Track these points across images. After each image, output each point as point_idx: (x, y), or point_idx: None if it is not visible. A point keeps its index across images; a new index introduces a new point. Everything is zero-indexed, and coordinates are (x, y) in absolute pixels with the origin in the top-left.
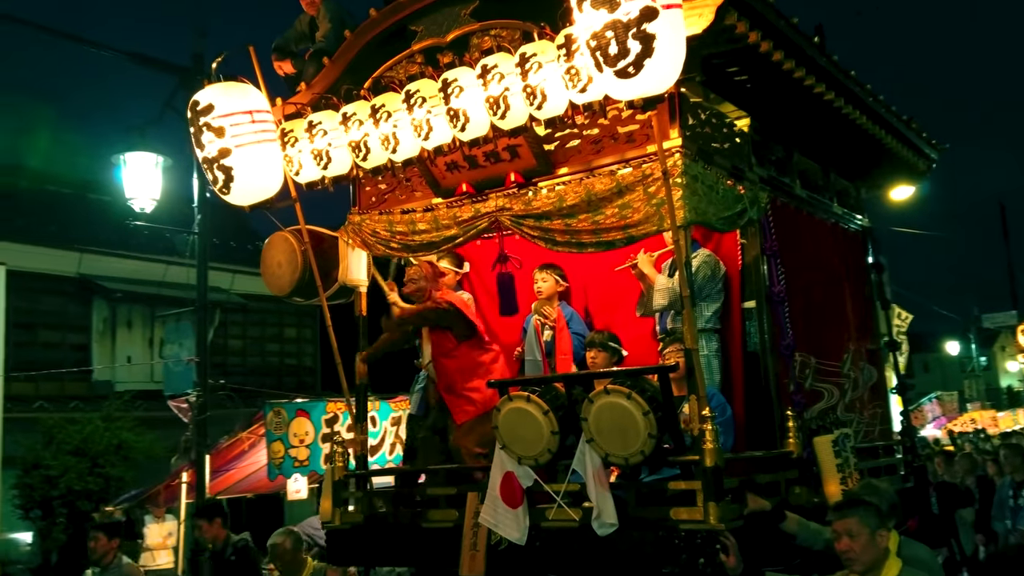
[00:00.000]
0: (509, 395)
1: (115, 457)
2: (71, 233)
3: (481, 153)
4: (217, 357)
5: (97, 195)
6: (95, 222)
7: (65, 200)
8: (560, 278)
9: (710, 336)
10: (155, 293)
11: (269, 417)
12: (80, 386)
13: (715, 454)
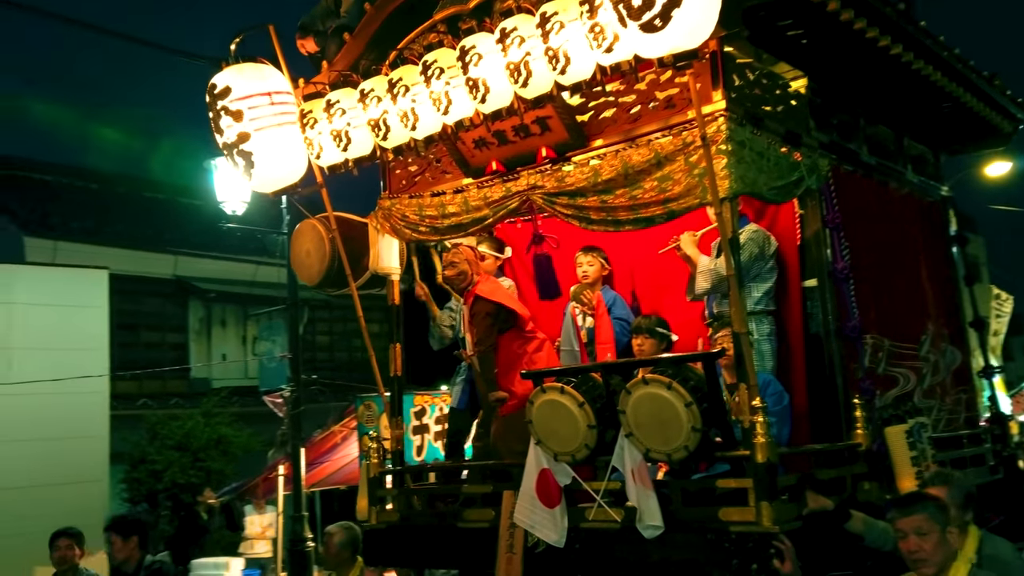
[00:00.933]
0: (542, 387)
1: (215, 451)
2: (166, 236)
3: (510, 127)
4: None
5: (190, 199)
6: (189, 225)
7: (160, 205)
8: (605, 261)
9: (761, 319)
10: (247, 292)
11: (360, 411)
12: (180, 384)
13: (767, 448)
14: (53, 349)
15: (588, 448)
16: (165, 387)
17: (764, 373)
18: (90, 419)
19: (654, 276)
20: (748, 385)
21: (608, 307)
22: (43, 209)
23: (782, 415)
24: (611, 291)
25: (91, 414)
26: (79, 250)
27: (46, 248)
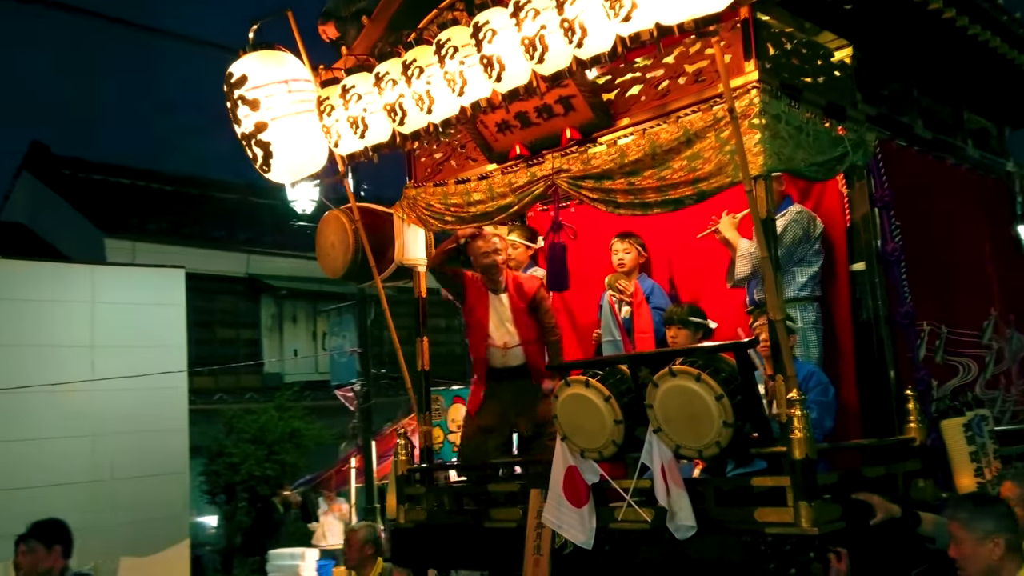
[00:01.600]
0: (567, 380)
1: (289, 444)
2: (239, 236)
3: (532, 109)
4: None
5: (260, 199)
6: (260, 224)
7: (231, 205)
8: (642, 248)
9: (806, 306)
10: (317, 289)
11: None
12: (253, 378)
13: (805, 444)
14: (134, 346)
15: (615, 444)
16: (240, 382)
17: (808, 364)
18: (170, 413)
19: (693, 263)
20: (785, 376)
21: (646, 296)
22: (122, 211)
23: (826, 408)
24: (648, 279)
25: (171, 409)
26: (157, 250)
27: (125, 248)
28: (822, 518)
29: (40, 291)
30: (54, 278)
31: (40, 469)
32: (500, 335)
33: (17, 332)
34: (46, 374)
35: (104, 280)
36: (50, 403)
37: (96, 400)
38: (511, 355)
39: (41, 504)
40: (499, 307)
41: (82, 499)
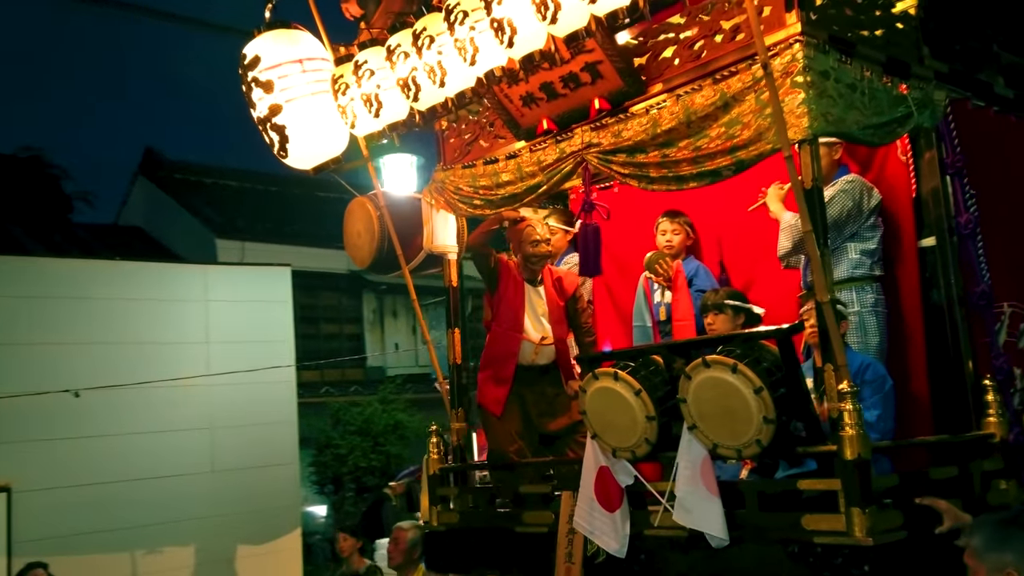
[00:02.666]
0: (594, 372)
1: (393, 436)
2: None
3: (557, 79)
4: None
5: None
6: None
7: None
8: (691, 229)
9: (863, 286)
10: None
11: None
12: (357, 372)
13: (858, 443)
14: (245, 342)
15: (649, 443)
16: (344, 375)
17: (863, 354)
18: (280, 406)
19: (744, 242)
20: (835, 366)
21: (689, 279)
22: (231, 212)
23: (884, 403)
24: (694, 261)
25: (280, 402)
26: (264, 249)
27: (235, 248)
28: (878, 526)
29: (158, 291)
30: (170, 278)
31: (161, 461)
32: (537, 330)
33: (138, 330)
34: (165, 370)
35: (216, 279)
36: (169, 398)
37: (211, 394)
38: (543, 352)
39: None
40: (535, 300)
41: (200, 489)
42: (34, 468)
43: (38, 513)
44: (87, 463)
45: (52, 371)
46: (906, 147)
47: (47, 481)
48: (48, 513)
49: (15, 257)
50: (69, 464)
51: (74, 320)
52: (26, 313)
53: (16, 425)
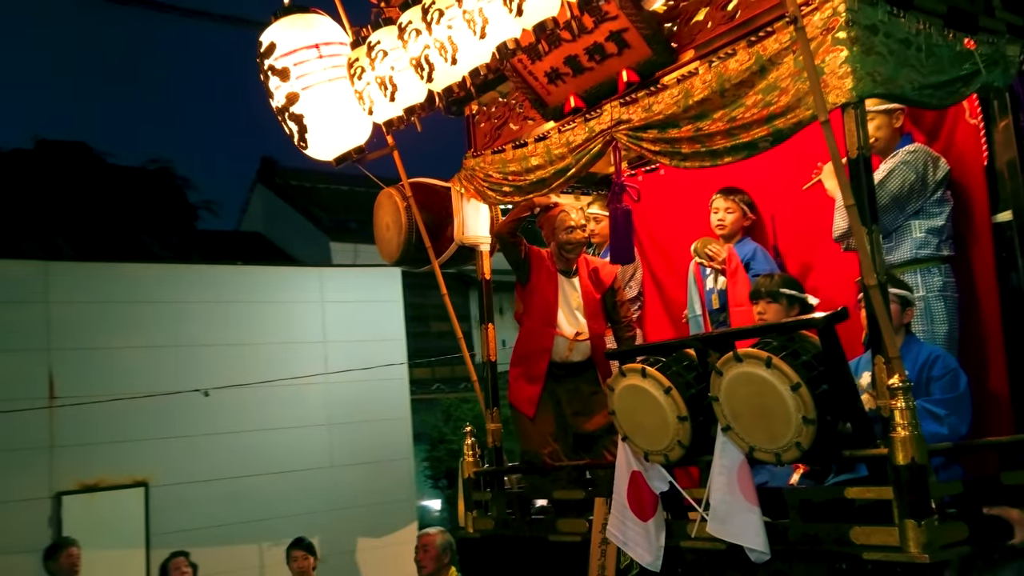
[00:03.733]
0: (622, 369)
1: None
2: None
3: (582, 51)
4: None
5: None
6: None
7: None
8: (748, 208)
9: (930, 269)
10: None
11: None
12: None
13: (912, 445)
14: (360, 341)
15: (682, 446)
16: (454, 372)
17: (931, 344)
18: (394, 403)
19: (800, 224)
20: (886, 358)
21: (745, 262)
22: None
23: (957, 402)
24: (751, 243)
25: (395, 399)
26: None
27: (348, 251)
28: (938, 540)
29: (278, 293)
30: (289, 281)
31: (285, 456)
32: (571, 324)
33: (261, 331)
34: (287, 369)
35: (331, 281)
36: (290, 396)
37: (329, 392)
38: (578, 349)
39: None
40: (569, 292)
41: (321, 484)
42: (169, 463)
43: (172, 506)
44: (217, 458)
45: (185, 371)
46: (976, 110)
47: (181, 476)
48: (182, 506)
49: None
50: (200, 459)
51: (204, 322)
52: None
53: (152, 423)
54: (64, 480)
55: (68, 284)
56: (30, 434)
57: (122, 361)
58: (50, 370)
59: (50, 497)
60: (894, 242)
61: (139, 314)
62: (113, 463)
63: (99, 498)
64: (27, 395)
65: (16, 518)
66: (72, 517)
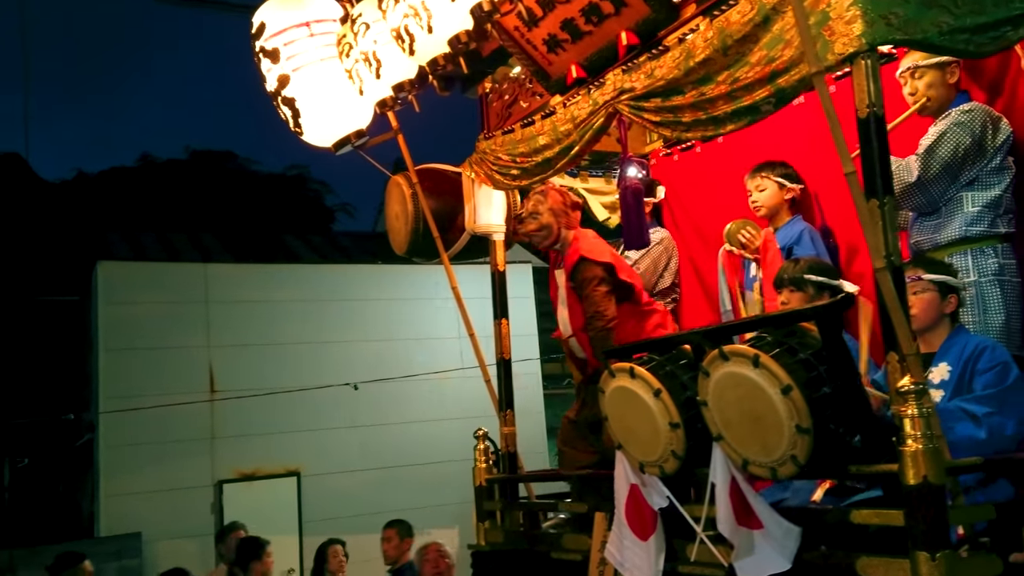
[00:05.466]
0: (610, 369)
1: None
2: None
3: (578, 12)
4: None
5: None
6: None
7: None
8: (785, 180)
9: (984, 249)
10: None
11: None
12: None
13: (925, 461)
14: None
15: (677, 457)
16: None
17: (980, 336)
18: (528, 397)
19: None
20: (900, 355)
21: (787, 247)
22: None
23: (1003, 400)
24: (800, 223)
25: (528, 393)
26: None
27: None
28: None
29: (415, 291)
30: (425, 279)
31: (425, 448)
32: (563, 321)
33: (399, 328)
34: (424, 363)
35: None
36: (428, 390)
37: (464, 386)
38: (575, 347)
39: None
40: (560, 286)
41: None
42: (318, 454)
43: (322, 495)
44: (364, 449)
45: (330, 366)
46: None
47: (329, 466)
48: (330, 495)
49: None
50: (347, 450)
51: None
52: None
53: (304, 415)
54: (224, 469)
55: (225, 284)
56: (193, 426)
57: (274, 356)
58: (210, 366)
59: (212, 485)
60: (943, 218)
61: (288, 312)
62: (268, 453)
63: (256, 486)
64: (190, 389)
65: (182, 504)
66: (232, 504)
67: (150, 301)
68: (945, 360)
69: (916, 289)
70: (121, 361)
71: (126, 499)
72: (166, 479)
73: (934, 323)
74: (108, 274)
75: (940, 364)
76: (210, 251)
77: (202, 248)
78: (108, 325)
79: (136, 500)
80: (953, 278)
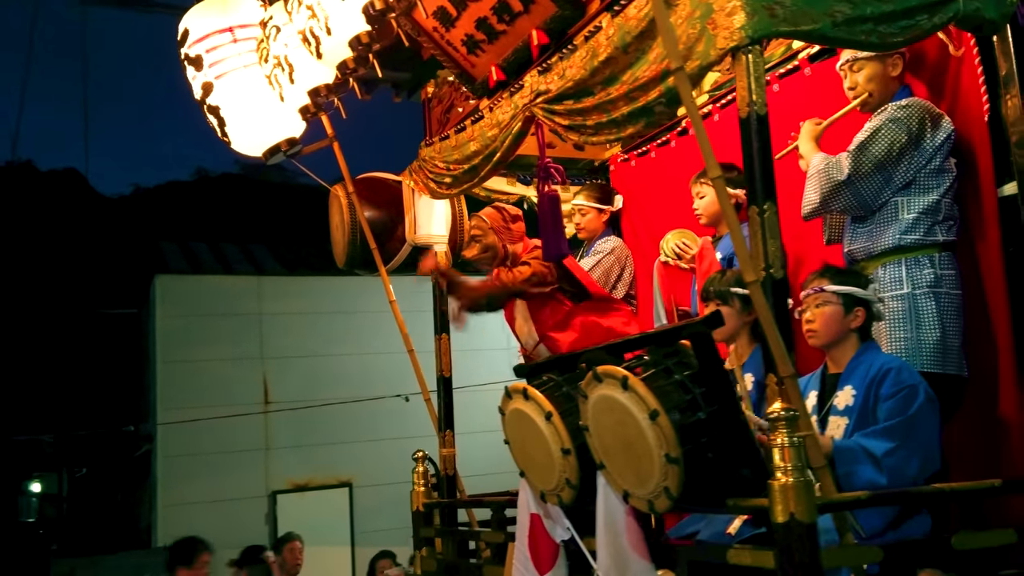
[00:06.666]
0: (507, 389)
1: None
2: None
3: (490, 10)
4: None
5: None
6: None
7: None
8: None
9: (917, 259)
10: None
11: None
12: None
13: (795, 497)
14: None
15: (571, 486)
16: None
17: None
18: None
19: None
20: (778, 377)
21: (727, 257)
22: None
23: (907, 430)
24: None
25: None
26: None
27: None
28: None
29: None
30: None
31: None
32: (525, 335)
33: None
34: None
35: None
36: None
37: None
38: (544, 354)
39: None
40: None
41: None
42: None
43: (375, 506)
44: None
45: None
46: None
47: (382, 477)
48: (381, 506)
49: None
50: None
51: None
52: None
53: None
54: (277, 480)
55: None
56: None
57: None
58: (264, 377)
59: (266, 496)
60: (876, 225)
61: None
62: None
63: (308, 497)
64: (244, 401)
65: (237, 515)
66: (286, 514)
67: (206, 313)
68: (850, 383)
69: (818, 301)
70: (178, 373)
71: (183, 509)
72: (221, 489)
73: (838, 339)
74: (166, 287)
75: (845, 387)
76: (262, 263)
77: (254, 260)
78: (165, 337)
79: (192, 510)
80: (861, 290)
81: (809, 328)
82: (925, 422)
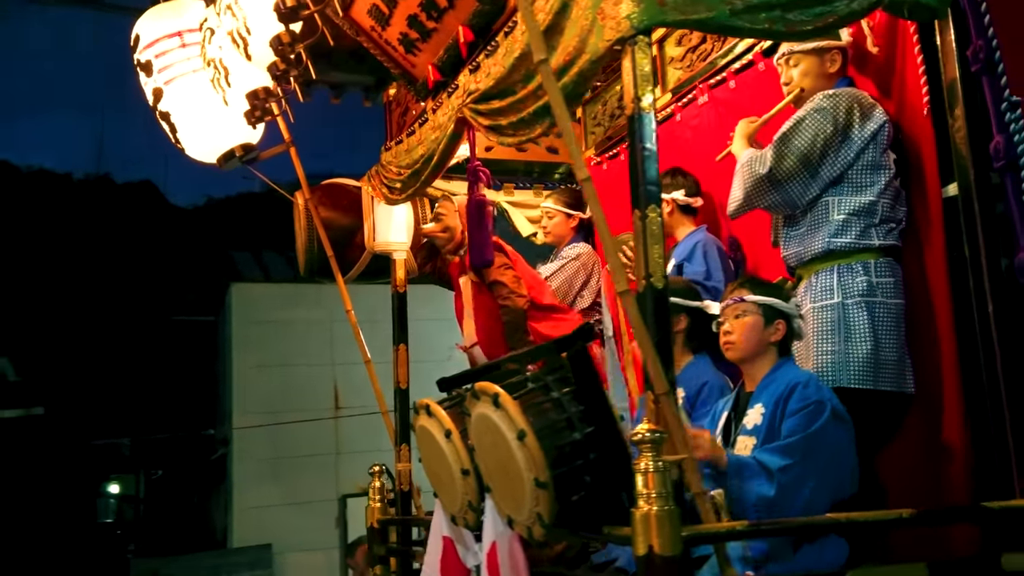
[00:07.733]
0: (414, 405)
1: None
2: None
3: (418, 7)
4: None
5: None
6: None
7: None
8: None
9: (849, 266)
10: None
11: None
12: None
13: (658, 527)
14: None
15: (472, 508)
16: None
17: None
18: None
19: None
20: (655, 394)
21: (678, 263)
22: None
23: (802, 447)
24: (698, 235)
25: None
26: None
27: None
28: None
29: None
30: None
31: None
32: (467, 333)
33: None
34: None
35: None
36: None
37: None
38: (478, 356)
39: None
40: (466, 293)
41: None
42: None
43: None
44: None
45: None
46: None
47: None
48: None
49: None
50: None
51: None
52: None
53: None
54: (347, 484)
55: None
56: (319, 441)
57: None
58: (335, 383)
59: (337, 499)
60: (808, 227)
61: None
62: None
63: None
64: (316, 406)
65: (309, 518)
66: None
67: (279, 320)
68: (761, 400)
69: (737, 312)
70: (253, 378)
71: (257, 511)
72: (294, 492)
73: (756, 353)
74: (241, 295)
75: (756, 405)
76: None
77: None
78: (241, 343)
79: (266, 513)
80: (783, 302)
81: (727, 340)
82: (829, 441)
